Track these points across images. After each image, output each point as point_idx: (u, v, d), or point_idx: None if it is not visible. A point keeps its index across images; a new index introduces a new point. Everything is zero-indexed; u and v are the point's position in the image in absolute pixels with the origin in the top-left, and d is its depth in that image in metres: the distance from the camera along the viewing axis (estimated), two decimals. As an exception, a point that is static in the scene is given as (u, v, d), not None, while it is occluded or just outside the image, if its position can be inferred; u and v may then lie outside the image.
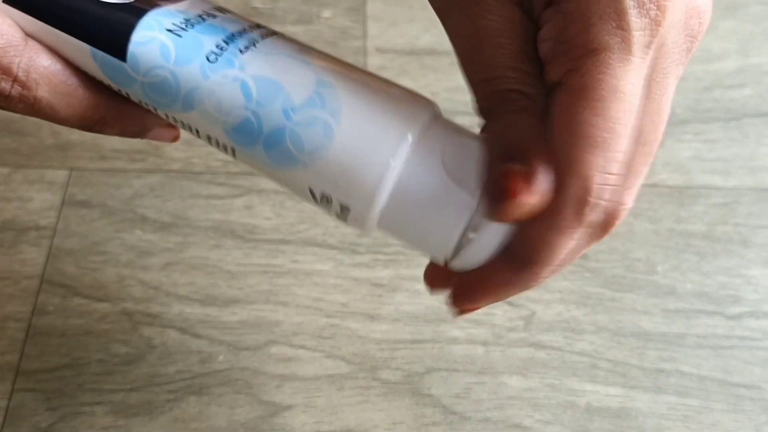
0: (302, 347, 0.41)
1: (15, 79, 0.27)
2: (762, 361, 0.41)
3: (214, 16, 0.30)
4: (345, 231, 0.45)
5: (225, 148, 0.29)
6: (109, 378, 0.39)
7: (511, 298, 0.42)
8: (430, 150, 0.26)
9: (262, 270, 0.43)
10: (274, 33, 0.30)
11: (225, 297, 0.42)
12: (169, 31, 0.28)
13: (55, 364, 0.39)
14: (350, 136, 0.27)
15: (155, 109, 0.29)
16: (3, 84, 0.27)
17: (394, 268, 0.43)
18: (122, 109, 0.30)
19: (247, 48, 0.28)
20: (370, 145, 0.26)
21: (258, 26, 0.30)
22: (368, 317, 0.42)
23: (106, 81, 0.29)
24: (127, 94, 0.29)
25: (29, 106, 0.28)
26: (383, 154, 0.26)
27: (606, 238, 0.26)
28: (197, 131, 0.29)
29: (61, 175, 0.46)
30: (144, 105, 0.29)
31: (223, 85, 0.27)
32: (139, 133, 0.31)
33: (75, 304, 0.41)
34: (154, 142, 0.47)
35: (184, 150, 0.47)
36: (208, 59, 0.28)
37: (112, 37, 0.28)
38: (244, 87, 0.27)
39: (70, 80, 0.29)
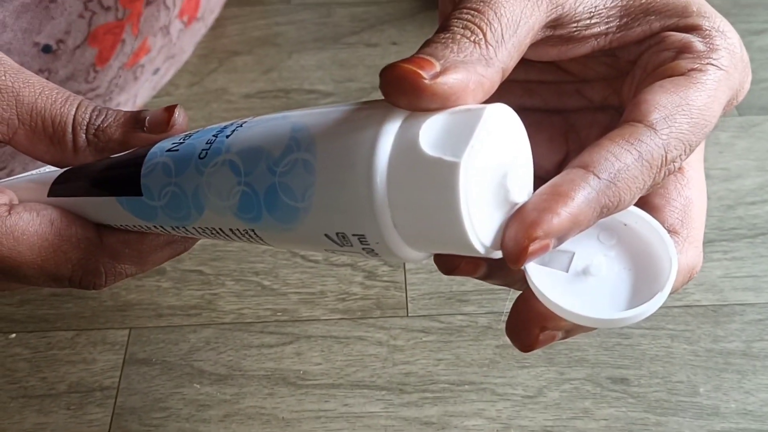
0: (359, 491, 0.42)
1: (106, 277, 0.32)
2: (813, 478, 0.41)
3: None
4: (392, 371, 0.46)
5: (248, 235, 0.29)
6: None
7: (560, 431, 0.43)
8: (409, 134, 0.25)
9: (315, 415, 0.45)
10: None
11: (282, 445, 0.44)
12: (169, 150, 0.31)
13: None
14: (329, 162, 0.26)
15: (186, 231, 0.31)
16: (97, 281, 0.32)
17: (442, 405, 0.45)
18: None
19: (233, 131, 0.29)
20: (348, 163, 0.26)
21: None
22: (421, 457, 0.43)
23: (139, 223, 0.32)
24: (161, 227, 0.31)
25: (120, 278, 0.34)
26: (362, 167, 0.25)
27: None
28: (221, 231, 0.30)
29: (121, 334, 0.48)
30: (176, 231, 0.31)
31: (216, 173, 0.29)
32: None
33: (140, 461, 0.43)
34: (207, 297, 0.50)
35: (235, 303, 0.50)
36: (199, 157, 0.29)
37: (127, 180, 0.31)
38: (232, 165, 0.28)
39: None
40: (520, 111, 0.28)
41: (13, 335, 0.48)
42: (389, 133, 0.25)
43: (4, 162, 0.49)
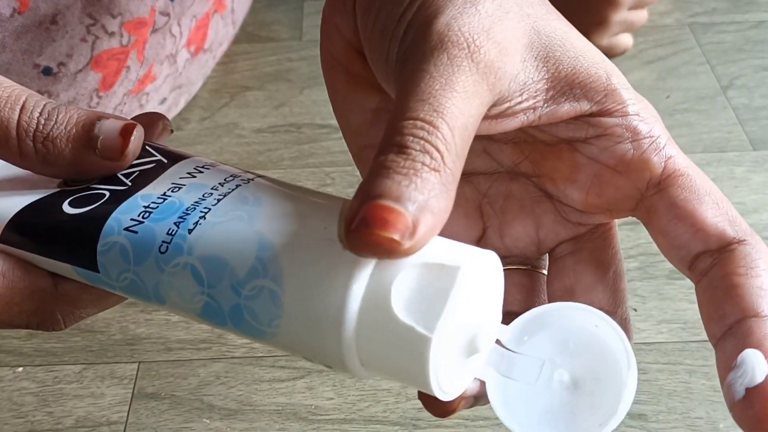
0: None
1: (64, 322, 0.31)
2: None
3: (180, 186, 0.29)
4: (405, 406, 0.45)
5: (215, 327, 0.29)
6: None
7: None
8: (380, 290, 0.25)
9: (327, 451, 0.44)
10: (238, 185, 0.29)
11: (292, 481, 0.43)
12: (126, 229, 0.28)
13: None
14: (297, 304, 0.26)
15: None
16: (55, 326, 0.31)
17: (456, 441, 0.44)
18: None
19: (196, 224, 0.28)
20: (317, 312, 0.26)
21: (228, 180, 0.29)
22: (435, 494, 0.42)
23: (99, 288, 0.30)
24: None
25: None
26: (332, 310, 0.25)
27: None
28: (186, 318, 0.29)
29: (130, 368, 0.48)
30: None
31: (177, 275, 0.27)
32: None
33: (148, 497, 0.42)
34: (217, 331, 0.49)
35: (246, 336, 0.49)
36: (160, 251, 0.28)
37: (83, 253, 0.29)
38: (194, 271, 0.27)
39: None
40: None
41: (20, 369, 0.48)
42: (360, 282, 0.25)
43: None
